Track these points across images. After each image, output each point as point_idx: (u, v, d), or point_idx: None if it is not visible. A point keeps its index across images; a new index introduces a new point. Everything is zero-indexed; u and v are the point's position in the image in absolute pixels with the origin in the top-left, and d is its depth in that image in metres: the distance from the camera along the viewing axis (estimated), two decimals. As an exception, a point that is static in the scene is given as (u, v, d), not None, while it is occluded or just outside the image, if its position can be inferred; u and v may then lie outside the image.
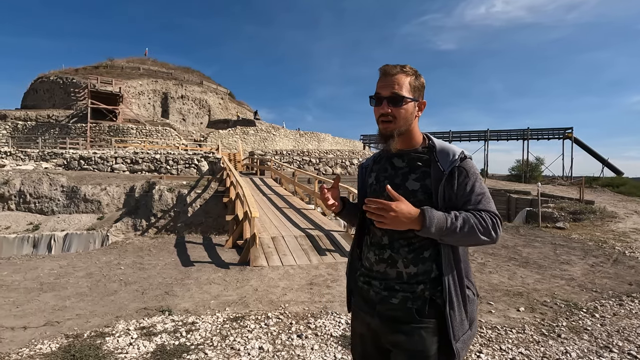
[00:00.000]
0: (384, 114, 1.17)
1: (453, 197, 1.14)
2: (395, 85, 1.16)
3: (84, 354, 2.84)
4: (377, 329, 1.21)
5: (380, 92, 1.18)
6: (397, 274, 1.18)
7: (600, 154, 31.32)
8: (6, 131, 24.15)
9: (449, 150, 1.19)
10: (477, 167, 1.21)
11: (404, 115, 1.17)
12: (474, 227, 1.06)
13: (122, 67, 33.68)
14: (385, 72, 1.19)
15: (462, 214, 1.09)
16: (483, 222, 1.08)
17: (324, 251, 6.37)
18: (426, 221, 1.04)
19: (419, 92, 1.21)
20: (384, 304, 1.18)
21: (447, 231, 1.06)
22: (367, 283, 1.26)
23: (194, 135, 28.40)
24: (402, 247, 1.18)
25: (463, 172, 1.14)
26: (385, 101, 1.16)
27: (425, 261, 1.16)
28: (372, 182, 1.31)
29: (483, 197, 1.13)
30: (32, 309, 3.98)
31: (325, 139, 34.65)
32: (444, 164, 1.16)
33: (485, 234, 1.08)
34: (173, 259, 6.50)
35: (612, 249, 6.81)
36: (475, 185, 1.14)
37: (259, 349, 2.96)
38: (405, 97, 1.16)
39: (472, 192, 1.13)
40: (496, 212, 1.12)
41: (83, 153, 14.86)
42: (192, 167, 14.78)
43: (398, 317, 1.15)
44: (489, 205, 1.13)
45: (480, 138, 34.98)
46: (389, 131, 1.19)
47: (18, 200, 10.86)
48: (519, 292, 4.44)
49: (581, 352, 2.96)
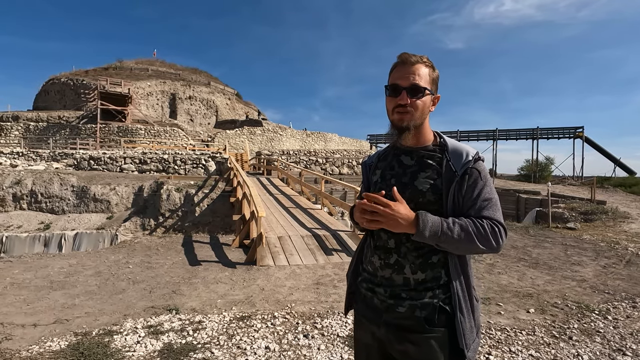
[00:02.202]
0: (402, 104, 1.10)
1: (460, 200, 1.09)
2: (415, 75, 1.10)
3: (92, 352, 2.86)
4: (383, 338, 1.15)
5: (398, 82, 1.11)
6: (404, 280, 1.12)
7: (612, 154, 30.79)
8: (18, 132, 24.60)
9: (462, 150, 1.14)
10: (488, 171, 1.16)
11: (422, 107, 1.12)
12: (471, 234, 1.01)
13: (131, 69, 34.10)
14: (404, 60, 1.12)
15: (461, 220, 1.04)
16: (482, 229, 1.02)
17: (330, 251, 6.35)
18: (420, 225, 1.00)
19: (435, 86, 1.16)
20: (391, 313, 1.12)
21: (443, 237, 1.01)
22: (370, 290, 1.19)
23: (202, 136, 28.61)
24: (410, 251, 1.11)
25: (475, 173, 1.09)
26: (404, 91, 1.10)
27: (434, 267, 1.10)
28: (377, 180, 1.24)
29: (489, 204, 1.08)
30: (42, 306, 4.04)
31: (332, 138, 34.62)
32: (456, 164, 1.11)
33: (483, 242, 1.02)
34: (180, 258, 6.54)
35: (624, 249, 6.66)
36: (483, 189, 1.09)
37: (265, 349, 2.96)
38: (425, 89, 1.10)
39: (479, 197, 1.08)
40: (500, 221, 1.06)
41: (93, 153, 15.05)
42: (200, 167, 14.87)
43: (406, 326, 1.10)
44: (494, 213, 1.07)
45: (488, 137, 34.61)
46: (405, 123, 1.12)
47: (30, 200, 11.04)
48: (529, 293, 4.37)
49: (593, 354, 2.90)
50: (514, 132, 33.96)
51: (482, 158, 1.14)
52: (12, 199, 10.97)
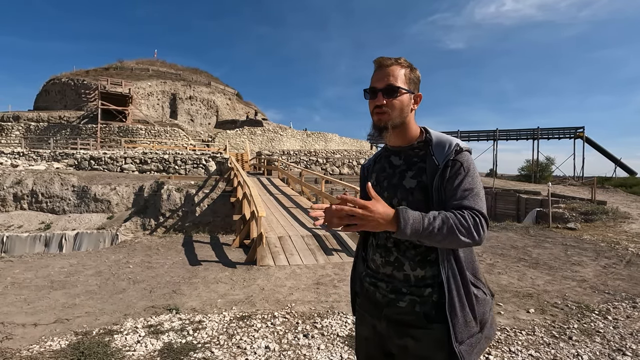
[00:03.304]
0: (379, 105, 1.14)
1: (443, 192, 1.08)
2: (390, 76, 1.13)
3: (93, 351, 2.87)
4: (384, 332, 1.18)
5: (375, 84, 1.15)
6: (404, 277, 1.14)
7: (613, 154, 30.79)
8: (19, 132, 24.64)
9: (445, 142, 1.14)
10: (473, 162, 1.13)
11: (399, 106, 1.14)
12: (453, 227, 0.98)
13: (131, 69, 34.14)
14: (380, 64, 1.16)
15: (442, 213, 1.01)
16: (464, 222, 1.00)
17: (330, 251, 6.36)
18: (401, 223, 0.97)
19: (415, 85, 1.18)
20: (392, 307, 1.15)
21: (425, 232, 0.98)
22: (373, 285, 1.23)
23: (202, 136, 28.63)
24: (409, 249, 1.14)
25: (456, 164, 1.09)
26: (380, 93, 1.14)
27: (432, 264, 1.12)
28: (373, 183, 1.26)
29: (470, 193, 1.06)
30: (43, 306, 4.04)
31: (333, 139, 34.62)
32: (439, 157, 1.11)
33: (466, 235, 0.99)
34: (181, 258, 6.54)
35: (625, 250, 6.66)
36: (465, 179, 1.07)
37: (265, 348, 2.96)
38: (400, 88, 1.13)
39: (459, 187, 1.06)
40: (481, 211, 1.03)
41: (93, 153, 15.08)
42: (200, 167, 14.89)
43: (406, 321, 1.12)
44: (475, 203, 1.04)
45: (489, 138, 34.60)
46: (383, 123, 1.15)
47: (30, 200, 11.06)
48: (529, 293, 4.37)
49: (593, 355, 2.90)
50: (514, 133, 33.95)
51: (468, 149, 1.14)
52: (12, 199, 10.99)
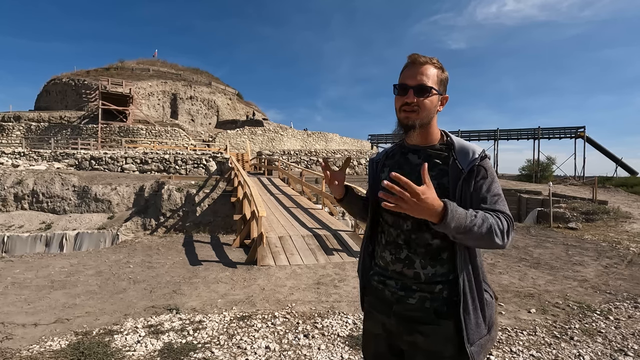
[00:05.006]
0: (409, 103, 1.13)
1: (468, 197, 1.11)
2: (422, 75, 1.13)
3: (93, 351, 2.86)
4: (393, 329, 1.19)
5: (406, 81, 1.14)
6: (415, 275, 1.15)
7: (614, 154, 30.77)
8: (20, 132, 24.66)
9: (468, 148, 1.16)
10: (494, 168, 1.18)
11: (428, 106, 1.14)
12: (491, 227, 1.01)
13: (132, 69, 34.13)
14: (413, 61, 1.16)
15: (480, 212, 1.04)
16: (501, 224, 1.04)
17: (331, 251, 6.35)
18: (447, 216, 0.95)
19: (444, 86, 1.19)
20: (401, 304, 1.16)
21: (466, 229, 0.99)
22: (381, 282, 1.23)
23: (203, 136, 28.64)
24: (419, 247, 1.15)
25: (482, 171, 1.12)
26: (411, 90, 1.13)
27: (443, 263, 1.13)
28: (386, 178, 1.26)
29: (499, 199, 1.11)
30: (43, 306, 4.04)
31: (333, 138, 34.62)
32: (463, 162, 1.13)
33: (500, 237, 1.03)
34: (181, 258, 6.54)
35: (626, 250, 6.64)
36: (492, 185, 1.12)
37: (266, 348, 2.95)
38: (432, 88, 1.13)
39: (489, 192, 1.10)
40: (511, 216, 1.09)
41: (94, 153, 15.09)
42: (201, 167, 14.89)
43: (416, 317, 1.13)
44: (506, 208, 1.10)
45: (490, 137, 34.60)
46: (411, 121, 1.15)
47: (31, 200, 11.07)
48: (530, 293, 4.36)
49: (595, 355, 2.88)
50: (515, 132, 33.93)
51: (488, 156, 1.17)
52: (13, 199, 11.00)
